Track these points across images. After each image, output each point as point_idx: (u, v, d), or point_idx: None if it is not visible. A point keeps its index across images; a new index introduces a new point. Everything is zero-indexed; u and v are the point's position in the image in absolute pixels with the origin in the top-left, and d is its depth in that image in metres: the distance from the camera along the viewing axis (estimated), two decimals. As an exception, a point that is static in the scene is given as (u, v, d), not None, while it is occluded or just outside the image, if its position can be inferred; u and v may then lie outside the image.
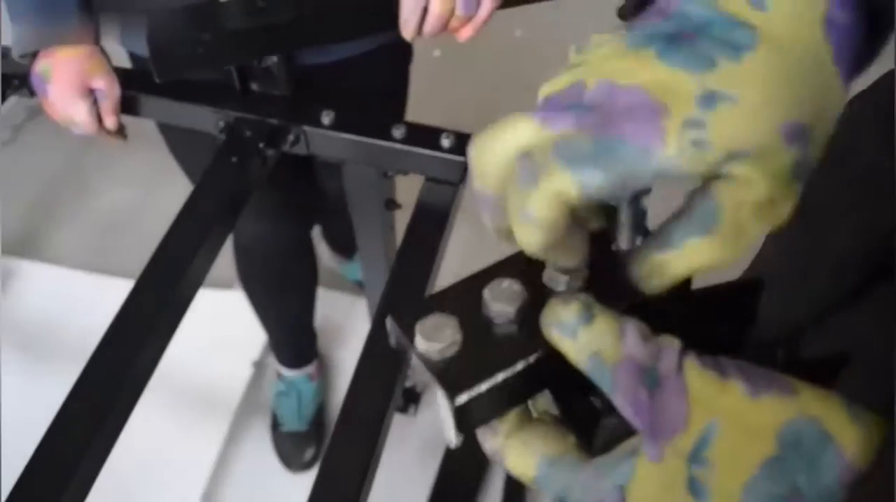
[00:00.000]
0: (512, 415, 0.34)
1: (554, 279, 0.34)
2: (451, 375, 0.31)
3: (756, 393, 0.27)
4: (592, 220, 0.35)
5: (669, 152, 0.28)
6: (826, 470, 0.26)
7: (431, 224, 0.81)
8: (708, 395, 0.28)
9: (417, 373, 0.33)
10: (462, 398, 0.31)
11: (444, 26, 0.77)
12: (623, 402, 0.29)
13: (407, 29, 0.77)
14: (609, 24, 0.41)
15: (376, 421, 0.65)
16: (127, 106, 0.89)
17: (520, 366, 0.32)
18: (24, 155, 2.20)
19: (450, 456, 1.50)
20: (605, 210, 0.35)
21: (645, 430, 0.29)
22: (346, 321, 1.73)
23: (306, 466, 1.52)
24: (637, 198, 0.34)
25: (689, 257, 0.31)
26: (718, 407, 0.28)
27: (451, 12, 0.75)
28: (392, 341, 0.35)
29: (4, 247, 1.90)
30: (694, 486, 0.28)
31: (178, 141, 1.08)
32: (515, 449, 0.33)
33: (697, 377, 0.28)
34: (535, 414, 0.35)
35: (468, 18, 0.77)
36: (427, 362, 0.32)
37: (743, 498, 0.27)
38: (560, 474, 0.32)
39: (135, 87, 0.88)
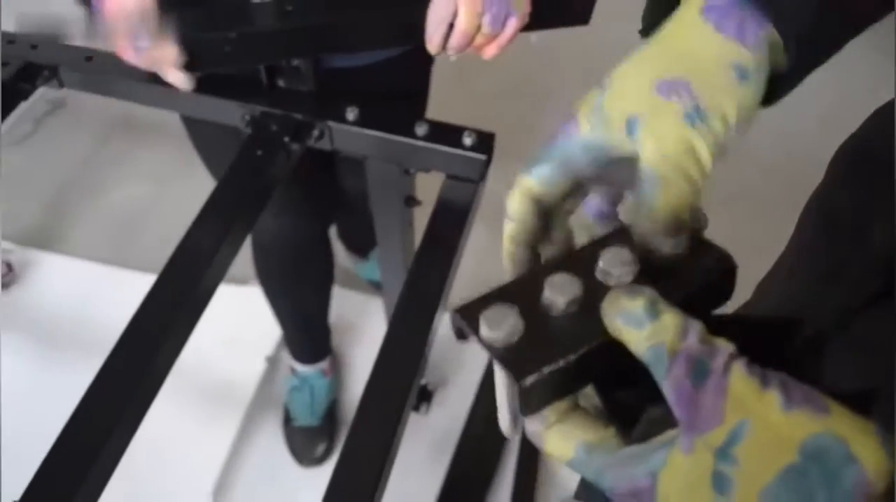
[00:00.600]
0: (558, 405, 0.36)
1: (606, 273, 0.36)
2: (516, 360, 0.34)
3: (790, 406, 0.29)
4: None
5: (584, 130, 0.40)
6: (845, 488, 0.27)
7: (451, 221, 0.82)
8: (746, 398, 0.30)
9: (431, 372, 0.35)
10: (528, 381, 0.33)
11: (469, 43, 0.77)
12: (670, 391, 0.31)
13: (432, 43, 0.78)
14: (619, 33, 0.45)
15: (393, 419, 0.66)
16: (154, 99, 0.91)
17: (581, 351, 0.34)
18: (44, 148, 2.22)
19: (460, 455, 1.51)
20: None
21: (683, 421, 0.30)
22: (359, 320, 1.75)
23: (318, 461, 1.53)
24: None
25: (660, 207, 0.38)
26: (753, 411, 0.29)
27: (477, 29, 0.76)
28: (454, 331, 0.37)
29: (22, 238, 1.93)
30: (718, 481, 0.29)
31: (203, 135, 1.09)
32: (556, 436, 0.35)
33: (740, 380, 0.30)
34: (581, 403, 0.37)
35: (493, 37, 0.77)
36: (491, 349, 0.34)
37: (760, 499, 0.28)
38: (596, 459, 0.34)
39: (162, 80, 0.89)
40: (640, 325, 0.32)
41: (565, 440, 0.35)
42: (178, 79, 0.81)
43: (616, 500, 0.33)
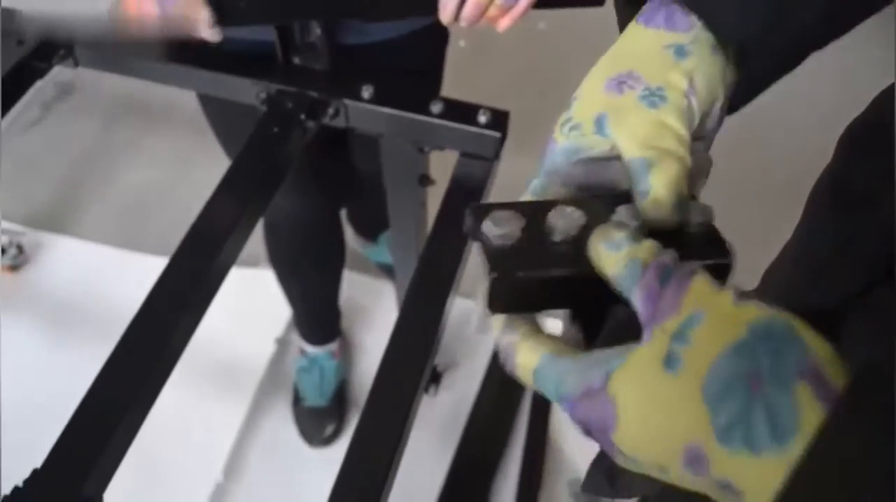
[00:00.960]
0: (530, 321, 0.38)
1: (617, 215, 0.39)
2: (498, 257, 0.37)
3: (743, 300, 0.32)
4: None
5: (561, 140, 0.43)
6: (789, 360, 0.29)
7: (466, 198, 0.82)
8: (703, 293, 0.33)
9: (440, 354, 0.37)
10: (494, 274, 0.37)
11: (482, 14, 0.77)
12: (639, 294, 0.34)
13: (445, 12, 0.78)
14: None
15: (406, 401, 0.66)
16: (170, 77, 0.91)
17: (555, 273, 0.37)
18: (53, 132, 2.23)
19: (468, 437, 1.52)
20: None
21: (645, 316, 0.33)
22: (369, 303, 1.76)
23: (326, 441, 1.54)
24: None
25: (658, 188, 0.40)
26: (708, 303, 0.32)
27: (490, 1, 0.76)
28: (465, 226, 0.41)
29: (33, 221, 1.94)
30: (669, 360, 0.31)
31: (220, 114, 1.09)
32: (525, 345, 0.37)
33: (700, 281, 0.33)
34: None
35: (507, 8, 0.78)
36: (485, 242, 0.38)
37: (708, 372, 0.30)
38: (558, 365, 0.35)
39: (178, 58, 0.90)
40: (619, 248, 0.35)
41: (533, 350, 0.37)
42: (209, 34, 0.81)
43: (572, 412, 0.34)
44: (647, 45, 0.43)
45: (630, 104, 0.41)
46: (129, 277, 1.78)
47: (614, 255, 0.35)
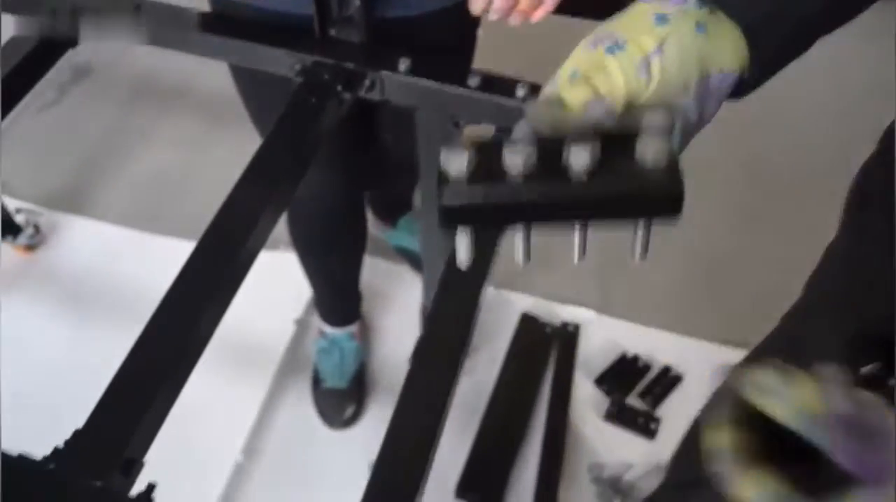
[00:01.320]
0: (749, 452, 0.36)
1: (567, 151, 0.41)
2: (452, 185, 0.42)
3: None
4: None
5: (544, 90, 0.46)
6: None
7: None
8: None
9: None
10: (444, 202, 0.42)
11: (514, 6, 0.77)
12: (841, 456, 0.32)
13: (475, 3, 0.78)
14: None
15: (444, 387, 0.67)
16: (206, 48, 0.90)
17: (502, 201, 0.42)
18: (69, 115, 2.22)
19: (487, 422, 1.52)
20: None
21: (865, 480, 0.31)
22: (387, 287, 1.75)
23: (346, 423, 1.54)
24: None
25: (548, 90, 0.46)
26: None
27: None
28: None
29: (49, 201, 1.94)
30: None
31: (253, 88, 1.08)
32: (747, 478, 0.35)
33: None
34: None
35: (539, 1, 0.78)
36: (442, 170, 0.42)
37: None
38: None
39: (214, 29, 0.89)
40: (780, 395, 0.33)
41: (754, 483, 0.35)
42: None
43: None
44: (634, 13, 0.46)
45: (597, 54, 0.45)
46: (145, 258, 1.79)
47: (780, 405, 0.33)
